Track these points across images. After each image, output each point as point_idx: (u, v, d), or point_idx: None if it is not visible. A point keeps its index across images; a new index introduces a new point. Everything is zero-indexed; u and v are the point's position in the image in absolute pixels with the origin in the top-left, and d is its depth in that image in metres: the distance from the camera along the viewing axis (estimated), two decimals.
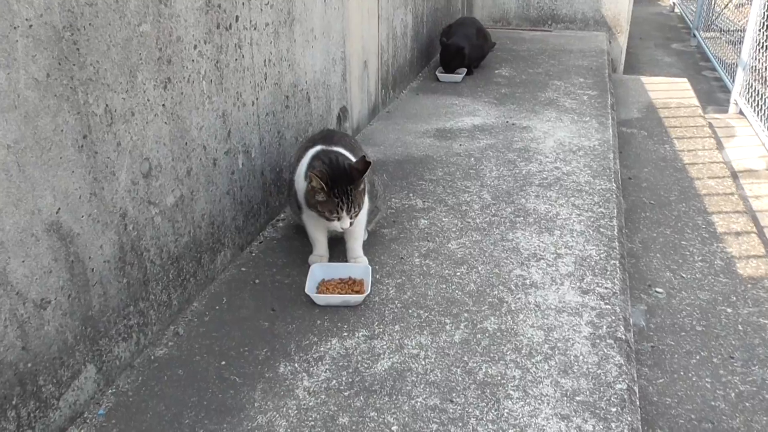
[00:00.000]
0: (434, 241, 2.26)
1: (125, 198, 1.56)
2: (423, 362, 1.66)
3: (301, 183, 1.94)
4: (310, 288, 1.91)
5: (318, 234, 2.08)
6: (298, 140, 2.51)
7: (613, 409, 1.52)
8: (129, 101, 1.53)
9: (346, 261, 2.10)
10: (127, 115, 1.53)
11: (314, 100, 2.68)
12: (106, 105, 1.46)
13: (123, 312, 1.59)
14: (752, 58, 4.56)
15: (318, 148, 1.98)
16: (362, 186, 1.86)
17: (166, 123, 1.68)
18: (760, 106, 4.22)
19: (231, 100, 2.00)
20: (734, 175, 3.36)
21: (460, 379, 1.60)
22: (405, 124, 3.50)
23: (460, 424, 1.47)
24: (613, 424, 1.47)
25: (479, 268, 2.08)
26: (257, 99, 2.17)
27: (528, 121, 3.54)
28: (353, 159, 1.98)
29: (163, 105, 1.66)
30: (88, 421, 1.48)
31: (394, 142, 3.24)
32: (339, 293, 1.91)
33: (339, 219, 1.85)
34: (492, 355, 1.68)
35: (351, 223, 1.88)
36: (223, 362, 1.67)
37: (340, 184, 1.82)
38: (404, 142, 3.25)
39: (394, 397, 1.55)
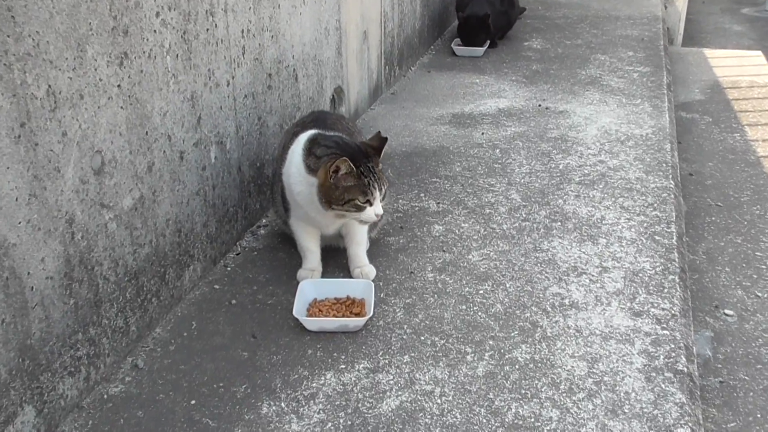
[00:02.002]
0: (451, 252, 2.25)
1: (72, 200, 1.56)
2: (439, 401, 1.66)
3: (294, 177, 1.95)
4: (299, 310, 1.91)
5: (309, 243, 2.08)
6: (283, 128, 2.51)
7: None
8: (77, 81, 1.53)
9: (344, 274, 2.10)
10: (74, 98, 1.53)
11: (303, 78, 2.68)
12: (49, 86, 1.47)
13: (69, 340, 1.59)
14: None
15: (312, 132, 1.99)
16: (380, 166, 1.92)
17: (122, 108, 1.68)
18: None
19: (201, 80, 2.01)
20: None
21: (484, 421, 1.60)
22: (414, 108, 3.50)
23: None
24: None
25: (507, 285, 2.08)
26: (233, 78, 2.18)
27: (565, 105, 3.53)
28: None
29: (119, 85, 1.67)
30: None
31: (401, 131, 3.24)
32: (335, 316, 1.91)
33: (372, 202, 1.88)
34: (523, 391, 1.68)
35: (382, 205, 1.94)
36: (193, 401, 1.66)
37: (359, 162, 1.86)
38: (413, 130, 3.25)
39: None
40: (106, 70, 1.62)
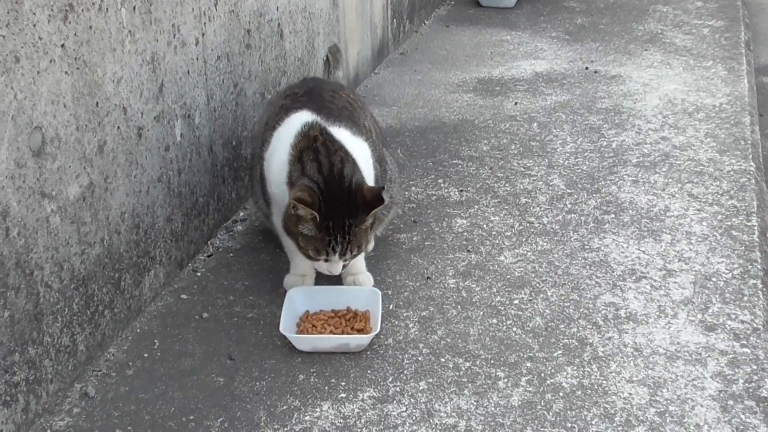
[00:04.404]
0: (478, 252, 2.26)
1: (6, 188, 1.57)
2: None
3: (274, 174, 1.94)
4: (287, 325, 1.92)
5: None
6: (264, 97, 2.52)
7: None
8: (11, 40, 1.54)
9: (341, 282, 2.10)
10: (8, 62, 1.54)
11: (290, 35, 2.69)
12: None
13: (4, 362, 1.60)
14: None
15: (310, 120, 1.97)
16: (368, 222, 1.90)
17: (67, 73, 1.69)
18: None
19: (164, 38, 2.01)
20: None
21: None
22: (429, 72, 3.50)
23: None
24: None
25: (548, 293, 2.09)
26: (203, 35, 2.18)
27: (619, 67, 3.53)
28: (357, 134, 2.00)
29: (63, 45, 1.67)
30: None
31: (413, 100, 3.24)
32: (332, 332, 1.92)
33: (327, 261, 1.90)
34: (569, 424, 1.69)
35: (344, 266, 1.93)
36: None
37: (336, 213, 1.85)
38: (429, 99, 3.25)
39: None
40: (47, 26, 1.62)
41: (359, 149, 1.99)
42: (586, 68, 3.52)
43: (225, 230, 2.39)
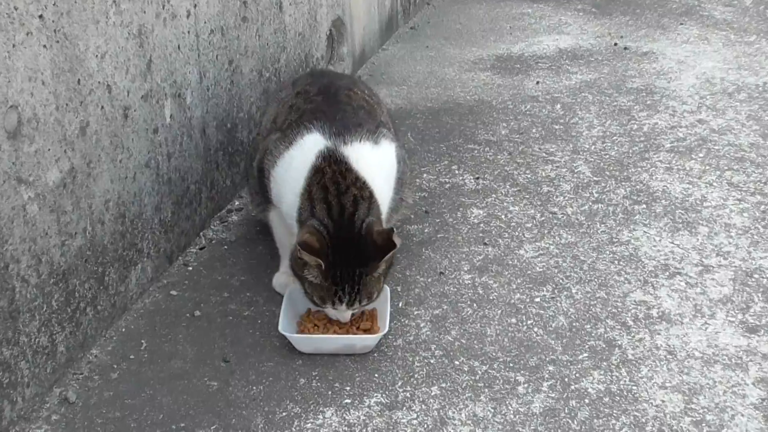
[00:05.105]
0: (496, 245, 2.25)
1: None
2: None
3: (286, 197, 1.93)
4: (286, 325, 1.91)
5: (290, 239, 2.07)
6: (262, 75, 2.51)
7: None
8: None
9: None
10: None
11: (290, 7, 2.68)
12: None
13: None
14: None
15: (320, 146, 1.92)
16: (381, 270, 1.88)
17: (45, 47, 1.68)
18: None
19: (152, 9, 2.01)
20: None
21: None
22: (443, 49, 3.49)
23: None
24: None
25: (573, 290, 2.08)
26: (195, 6, 2.17)
27: (651, 43, 3.51)
28: (381, 138, 1.98)
29: (41, 16, 1.67)
30: None
31: (425, 79, 3.22)
32: (336, 332, 1.92)
33: (334, 309, 1.89)
34: None
35: (354, 315, 1.92)
36: None
37: (346, 261, 1.83)
38: (442, 78, 3.23)
39: None
40: None
41: (383, 156, 1.99)
42: (615, 44, 3.51)
43: (219, 220, 2.39)
